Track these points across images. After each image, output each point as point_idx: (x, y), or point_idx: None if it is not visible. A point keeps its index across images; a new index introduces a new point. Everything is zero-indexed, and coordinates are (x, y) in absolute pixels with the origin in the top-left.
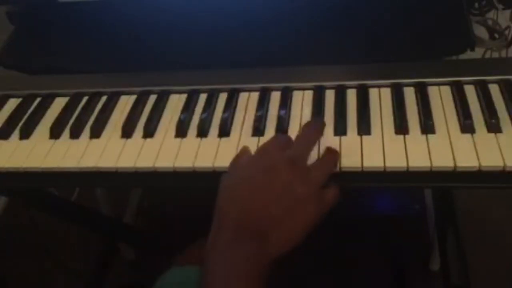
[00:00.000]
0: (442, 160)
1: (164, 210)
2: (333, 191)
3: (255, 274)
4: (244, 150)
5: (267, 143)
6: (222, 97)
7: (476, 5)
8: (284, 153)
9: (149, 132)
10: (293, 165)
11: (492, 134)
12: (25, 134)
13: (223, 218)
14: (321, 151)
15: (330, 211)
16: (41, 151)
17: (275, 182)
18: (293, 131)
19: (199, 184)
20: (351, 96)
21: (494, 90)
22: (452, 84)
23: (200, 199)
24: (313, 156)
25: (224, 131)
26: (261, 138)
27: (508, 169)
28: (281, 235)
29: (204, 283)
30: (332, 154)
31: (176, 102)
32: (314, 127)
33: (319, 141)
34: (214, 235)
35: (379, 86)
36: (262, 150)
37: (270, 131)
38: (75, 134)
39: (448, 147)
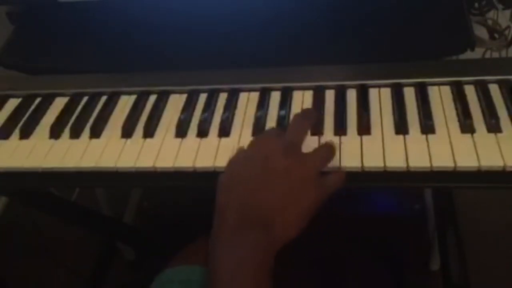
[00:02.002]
0: (442, 160)
1: (164, 210)
2: (336, 175)
3: (262, 261)
4: (240, 150)
5: (259, 135)
6: (222, 97)
7: (476, 5)
8: (277, 142)
9: (149, 132)
10: (287, 152)
11: (492, 134)
12: (25, 134)
13: (224, 213)
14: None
15: (329, 211)
16: (41, 151)
17: (271, 170)
18: None
19: (199, 184)
20: (351, 96)
21: (494, 90)
22: (452, 84)
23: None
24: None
25: (224, 131)
26: None
27: (508, 169)
28: (284, 221)
29: (213, 277)
30: (329, 143)
31: (176, 102)
32: (305, 115)
33: (319, 140)
34: (217, 230)
35: (379, 86)
36: (254, 142)
37: None
38: (75, 134)
39: (448, 147)
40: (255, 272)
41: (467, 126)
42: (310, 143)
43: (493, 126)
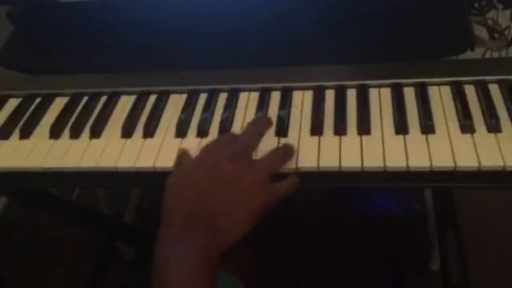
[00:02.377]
0: (442, 160)
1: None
2: (288, 181)
3: (205, 264)
4: (183, 151)
5: (210, 142)
6: (222, 97)
7: (476, 5)
8: (227, 149)
9: (149, 132)
10: (235, 157)
11: (492, 134)
12: (25, 134)
13: (170, 215)
14: (321, 150)
15: (329, 211)
16: (41, 151)
17: (219, 174)
18: (293, 131)
19: None
20: (351, 96)
21: (494, 90)
22: (452, 84)
23: None
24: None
25: (224, 131)
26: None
27: (508, 169)
28: (229, 224)
29: (156, 279)
30: (283, 148)
31: (176, 102)
32: (256, 123)
33: (319, 140)
34: (163, 232)
35: (379, 86)
36: (205, 148)
37: (270, 131)
38: (75, 134)
39: (448, 147)
40: (198, 274)
41: (467, 126)
42: (310, 143)
43: (493, 126)
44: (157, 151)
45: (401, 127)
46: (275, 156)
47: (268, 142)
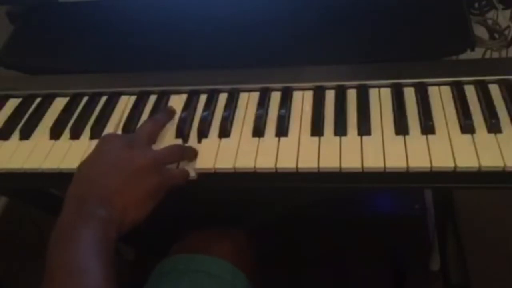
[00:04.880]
0: (442, 160)
1: (164, 210)
2: (179, 170)
3: (104, 239)
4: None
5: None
6: (222, 97)
7: (476, 5)
8: (125, 137)
9: None
10: (130, 143)
11: (492, 134)
12: (25, 134)
13: (68, 202)
14: (321, 150)
15: (329, 211)
16: (41, 152)
17: (114, 158)
18: (293, 132)
19: (198, 184)
20: (351, 96)
21: (494, 90)
22: (452, 84)
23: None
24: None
25: (224, 131)
26: (261, 138)
27: (508, 169)
28: (126, 204)
29: (54, 261)
30: (186, 146)
31: (176, 102)
32: (153, 118)
33: (319, 141)
34: (61, 218)
35: (379, 86)
36: (102, 138)
37: (270, 131)
38: (75, 134)
39: (448, 147)
40: (98, 251)
41: (467, 126)
42: (310, 143)
43: (493, 126)
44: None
45: (401, 128)
46: (170, 148)
47: (269, 142)
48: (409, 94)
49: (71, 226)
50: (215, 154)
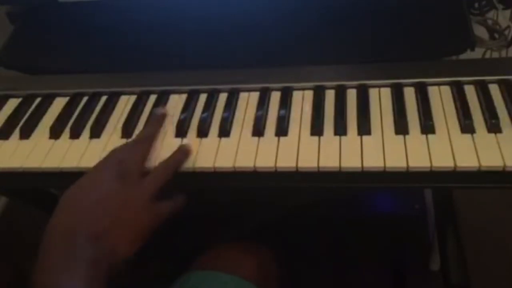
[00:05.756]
0: (442, 160)
1: None
2: (170, 202)
3: (94, 277)
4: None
5: (102, 159)
6: (222, 97)
7: (476, 5)
8: (114, 169)
9: None
10: (123, 175)
11: (492, 134)
12: (25, 134)
13: (52, 235)
14: (321, 150)
15: (329, 210)
16: (41, 151)
17: (105, 192)
18: (293, 131)
19: (198, 185)
20: (351, 96)
21: (494, 90)
22: (452, 84)
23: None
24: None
25: (224, 131)
26: (261, 138)
27: (508, 169)
28: (115, 243)
29: None
30: (165, 163)
31: (176, 102)
32: (139, 140)
33: (319, 140)
34: (45, 252)
35: (379, 86)
36: (94, 167)
37: (270, 131)
38: (75, 134)
39: (448, 147)
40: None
41: (467, 126)
42: (310, 143)
43: (493, 126)
44: (157, 151)
45: (401, 127)
46: (158, 174)
47: (269, 142)
48: (409, 94)
49: (57, 271)
50: (215, 154)
